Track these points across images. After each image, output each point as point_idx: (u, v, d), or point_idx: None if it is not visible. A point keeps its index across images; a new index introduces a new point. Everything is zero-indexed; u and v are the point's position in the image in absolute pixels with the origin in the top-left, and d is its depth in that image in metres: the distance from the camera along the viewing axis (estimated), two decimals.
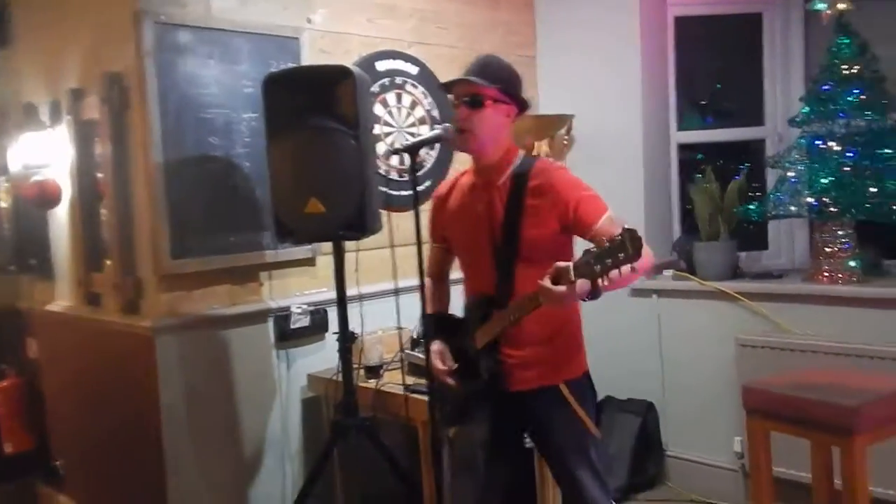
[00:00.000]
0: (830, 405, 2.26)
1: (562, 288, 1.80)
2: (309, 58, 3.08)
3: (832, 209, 3.13)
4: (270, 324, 3.06)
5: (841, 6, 3.12)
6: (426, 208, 3.49)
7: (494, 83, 2.10)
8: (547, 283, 1.81)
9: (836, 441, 2.31)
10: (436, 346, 2.26)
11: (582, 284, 1.81)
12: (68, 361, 3.58)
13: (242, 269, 2.98)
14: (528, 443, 2.95)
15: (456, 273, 2.43)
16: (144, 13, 2.68)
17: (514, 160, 2.19)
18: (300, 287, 3.16)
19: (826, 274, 3.20)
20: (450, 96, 2.23)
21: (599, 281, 1.81)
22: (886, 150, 3.07)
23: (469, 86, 2.10)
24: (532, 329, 2.14)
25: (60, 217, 3.50)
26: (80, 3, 3.18)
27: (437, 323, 2.35)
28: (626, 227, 1.71)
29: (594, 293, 1.84)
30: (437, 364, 2.22)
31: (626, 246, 1.69)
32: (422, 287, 2.13)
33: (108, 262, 3.12)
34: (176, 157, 2.76)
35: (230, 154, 2.91)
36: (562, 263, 1.80)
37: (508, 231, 2.13)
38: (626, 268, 1.77)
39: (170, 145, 2.75)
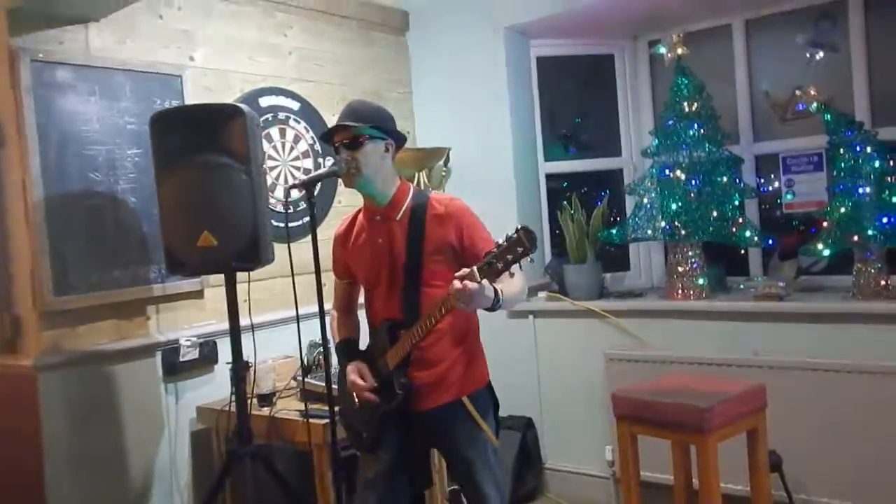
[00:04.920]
0: (686, 407, 2.54)
1: (474, 284, 1.92)
2: (192, 94, 3.13)
3: (682, 232, 3.49)
4: (158, 358, 3.05)
5: (679, 51, 3.51)
6: (322, 238, 3.62)
7: (366, 121, 2.29)
8: (457, 283, 1.94)
9: (691, 439, 2.60)
10: (352, 365, 2.36)
11: (488, 290, 1.97)
12: None
13: (129, 303, 2.96)
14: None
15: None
16: (21, 51, 2.66)
17: (408, 194, 2.37)
18: (189, 320, 3.17)
19: (679, 291, 3.56)
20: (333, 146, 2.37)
21: (499, 290, 2.01)
22: (724, 179, 3.47)
23: (345, 130, 2.29)
24: (438, 348, 2.30)
25: None
26: None
27: (347, 348, 2.47)
28: (519, 225, 1.87)
29: (495, 302, 2.02)
30: (357, 380, 2.32)
31: (523, 240, 1.85)
32: (322, 317, 2.26)
33: None
34: (57, 193, 2.74)
35: (114, 189, 2.91)
36: (465, 269, 1.95)
37: (412, 260, 2.28)
38: (517, 284, 1.98)
39: (50, 182, 2.72)
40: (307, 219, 3.60)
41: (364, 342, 2.50)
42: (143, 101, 2.97)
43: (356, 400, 2.43)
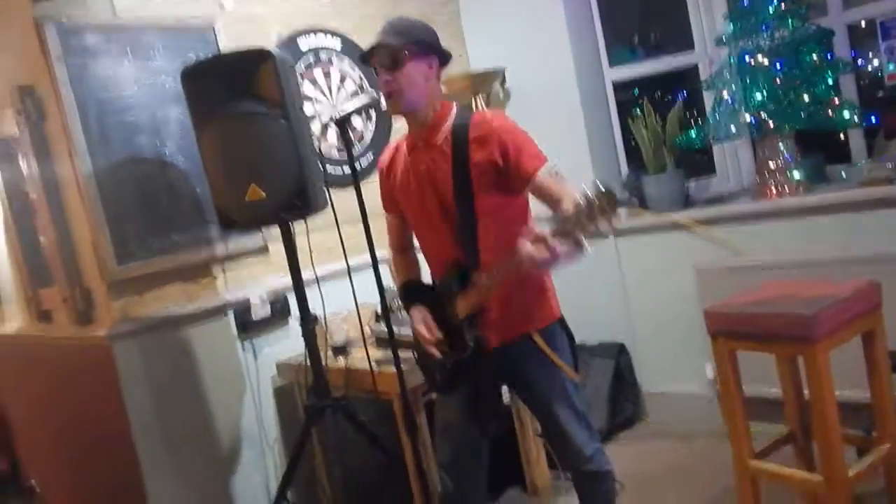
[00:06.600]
0: (788, 316, 2.28)
1: (545, 254, 1.74)
2: (227, 44, 3.00)
3: (770, 124, 3.14)
4: (231, 317, 3.03)
5: None
6: (371, 180, 3.49)
7: (406, 38, 2.07)
8: (526, 248, 1.76)
9: (798, 350, 2.35)
10: (418, 313, 2.22)
11: (565, 248, 1.75)
12: (28, 381, 3.51)
13: (193, 265, 2.93)
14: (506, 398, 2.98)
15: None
16: (45, 18, 2.58)
17: (450, 115, 2.14)
18: (256, 276, 3.12)
19: (773, 189, 3.23)
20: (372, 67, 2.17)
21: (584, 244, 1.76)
22: (813, 57, 3.08)
23: (384, 49, 2.07)
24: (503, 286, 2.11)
25: None
26: None
27: (410, 291, 2.33)
28: (597, 183, 1.63)
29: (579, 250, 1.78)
30: (423, 332, 2.19)
31: (605, 207, 1.62)
32: (375, 266, 2.15)
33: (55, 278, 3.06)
34: (105, 162, 2.70)
35: (161, 152, 2.85)
36: (538, 231, 1.76)
37: (460, 190, 2.08)
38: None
39: (96, 151, 2.68)
40: (363, 159, 3.52)
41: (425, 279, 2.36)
42: (179, 58, 2.86)
43: None
